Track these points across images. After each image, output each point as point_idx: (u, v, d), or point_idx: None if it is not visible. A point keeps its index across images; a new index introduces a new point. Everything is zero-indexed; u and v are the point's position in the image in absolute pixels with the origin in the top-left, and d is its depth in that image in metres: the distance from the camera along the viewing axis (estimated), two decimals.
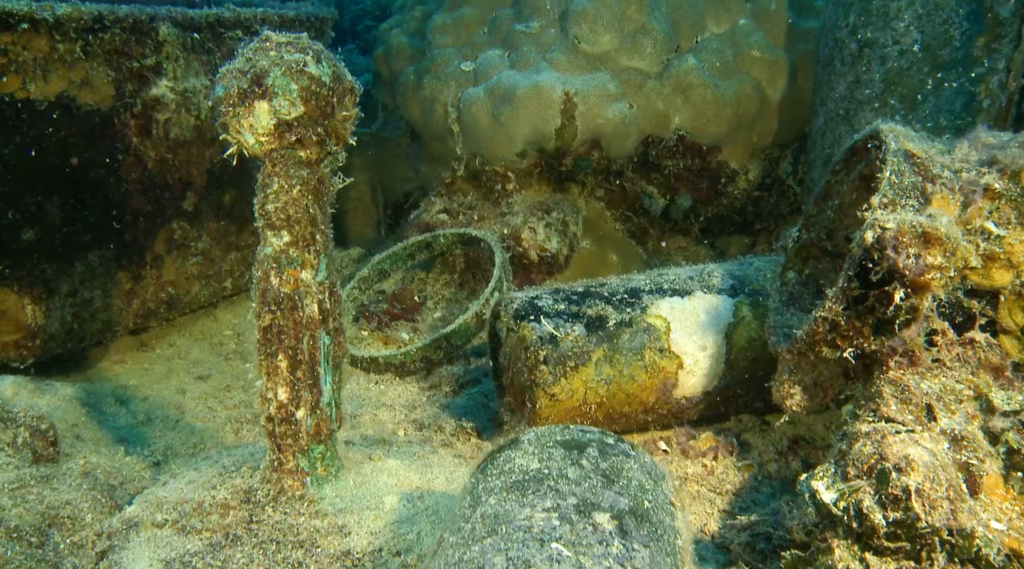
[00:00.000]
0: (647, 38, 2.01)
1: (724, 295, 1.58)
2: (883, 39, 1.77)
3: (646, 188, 2.16)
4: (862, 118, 1.86)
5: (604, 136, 2.00)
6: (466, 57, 2.16)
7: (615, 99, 1.98)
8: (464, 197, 2.22)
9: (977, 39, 1.71)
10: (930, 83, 1.76)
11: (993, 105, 1.77)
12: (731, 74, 2.04)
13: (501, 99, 1.99)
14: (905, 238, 1.15)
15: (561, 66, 2.01)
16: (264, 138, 1.09)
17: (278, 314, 1.16)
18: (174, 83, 1.84)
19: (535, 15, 2.09)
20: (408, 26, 2.40)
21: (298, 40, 1.10)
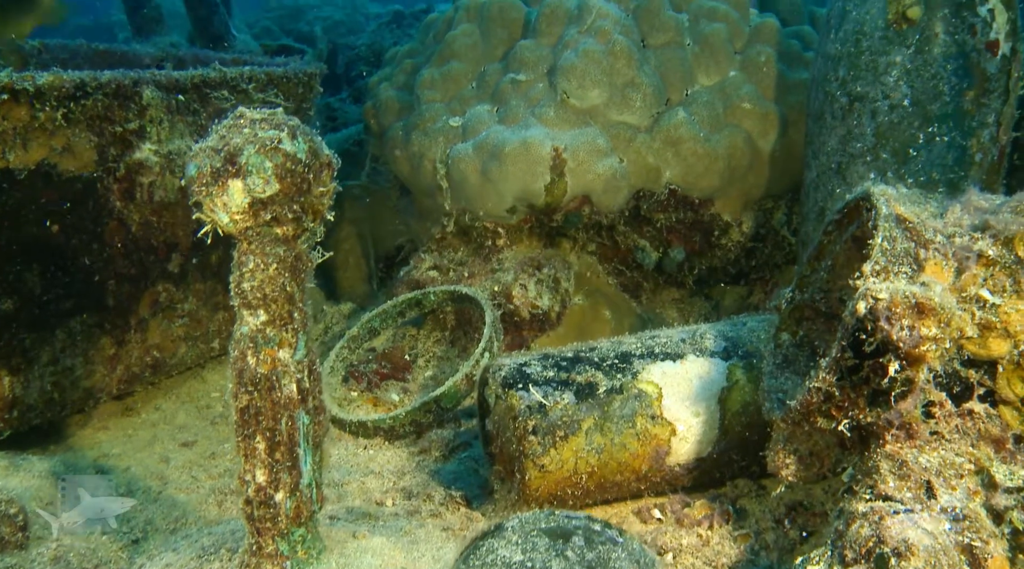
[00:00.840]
0: (636, 92, 1.99)
1: (717, 358, 1.55)
2: (873, 93, 1.76)
3: (638, 242, 2.14)
4: (854, 172, 1.84)
5: (594, 191, 1.98)
6: (454, 112, 2.15)
7: (605, 154, 1.96)
8: (454, 253, 2.19)
9: (966, 94, 1.70)
10: (921, 137, 1.74)
11: (985, 159, 1.75)
12: (722, 127, 2.02)
13: (489, 155, 1.97)
14: (898, 309, 1.12)
15: (550, 121, 2.00)
16: (239, 217, 1.06)
17: (255, 395, 1.13)
18: (158, 146, 1.82)
19: (523, 70, 2.08)
20: (397, 80, 2.39)
21: (273, 116, 1.07)
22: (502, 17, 2.21)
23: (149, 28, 4.59)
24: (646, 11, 2.09)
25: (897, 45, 1.74)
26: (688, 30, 2.11)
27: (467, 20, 2.26)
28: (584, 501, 1.50)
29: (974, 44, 1.70)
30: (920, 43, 1.72)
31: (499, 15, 2.21)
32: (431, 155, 2.11)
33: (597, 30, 2.01)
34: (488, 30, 2.21)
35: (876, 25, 1.76)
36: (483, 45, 2.22)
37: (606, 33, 2.00)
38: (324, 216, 1.15)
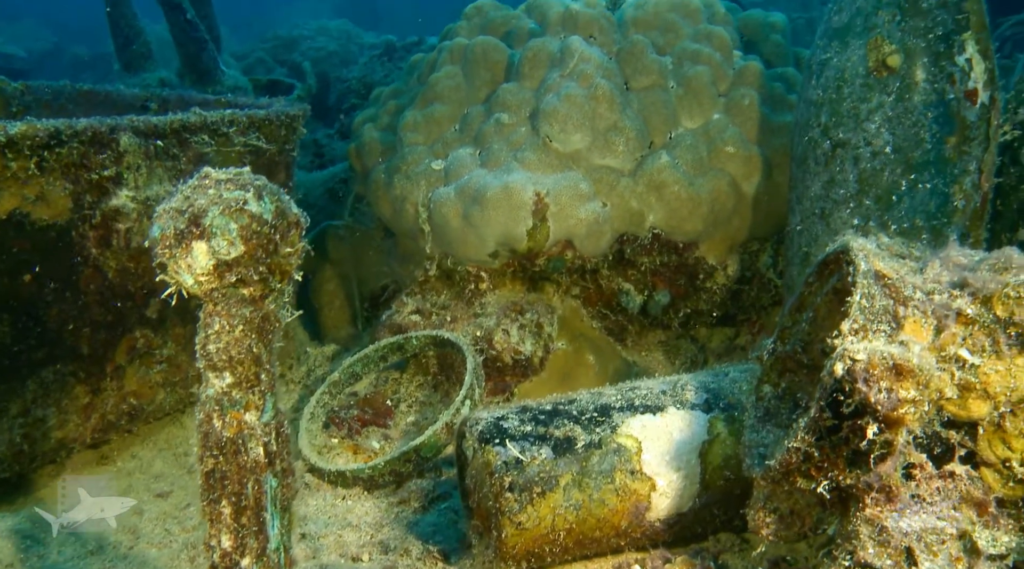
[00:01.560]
0: (619, 136, 1.98)
1: (698, 410, 1.53)
2: (855, 140, 1.75)
3: (623, 285, 2.12)
4: (838, 218, 1.83)
5: (577, 236, 1.96)
6: (437, 155, 2.13)
7: (588, 199, 1.95)
8: (437, 296, 2.17)
9: (947, 141, 1.69)
10: (904, 184, 1.73)
11: (967, 205, 1.74)
12: (705, 170, 2.01)
13: (471, 200, 1.96)
14: (876, 370, 1.10)
15: (532, 165, 1.99)
16: (203, 278, 1.04)
17: (221, 459, 1.10)
18: (135, 192, 1.80)
19: (506, 113, 2.07)
20: (381, 121, 2.38)
21: (239, 176, 1.06)
22: (485, 59, 2.20)
23: (138, 64, 4.60)
24: (629, 54, 2.08)
25: (878, 92, 1.73)
26: (672, 73, 2.10)
27: (450, 62, 2.25)
28: (563, 557, 1.47)
29: (954, 93, 1.69)
30: (901, 91, 1.71)
31: (482, 57, 2.20)
32: (413, 198, 2.10)
33: (579, 74, 2.00)
34: (471, 72, 2.21)
35: (857, 72, 1.76)
36: (466, 87, 2.21)
37: (588, 77, 1.99)
38: (292, 276, 1.13)
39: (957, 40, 1.69)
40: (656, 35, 2.16)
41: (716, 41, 2.14)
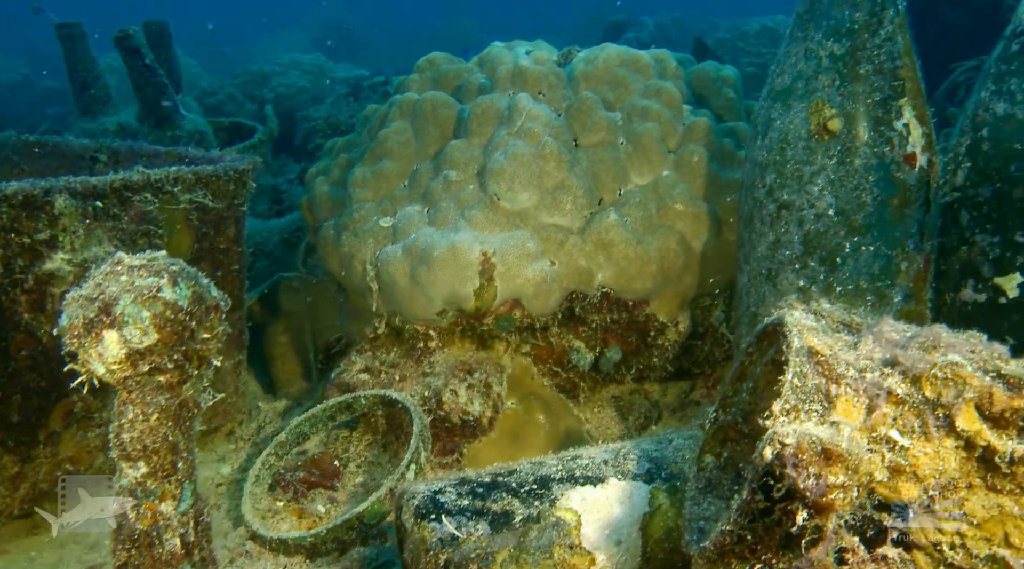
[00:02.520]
0: (566, 194, 1.98)
1: (640, 481, 1.50)
2: (799, 202, 1.75)
3: (573, 343, 2.10)
4: (784, 279, 1.82)
5: (525, 295, 1.95)
6: (386, 212, 2.12)
7: (535, 258, 1.94)
8: (387, 354, 2.15)
9: (889, 204, 1.70)
10: (848, 246, 1.73)
11: (911, 267, 1.74)
12: (655, 228, 2.01)
13: (418, 259, 1.94)
14: (805, 456, 1.08)
15: (479, 224, 1.97)
16: (115, 367, 1.01)
17: (133, 552, 1.06)
18: (71, 255, 1.76)
19: (454, 170, 2.06)
20: (332, 174, 2.36)
21: (153, 261, 1.03)
22: (435, 115, 2.19)
23: (97, 108, 4.57)
24: (578, 111, 2.08)
25: (820, 155, 1.74)
26: (621, 129, 2.10)
27: (400, 117, 2.24)
28: None
29: (893, 157, 1.70)
30: (842, 154, 1.72)
31: (431, 113, 2.19)
32: (361, 256, 2.08)
33: (526, 132, 2.00)
34: (421, 128, 2.20)
35: (799, 134, 1.76)
36: (416, 143, 2.20)
37: (535, 135, 1.99)
38: (211, 361, 1.10)
39: (895, 106, 1.70)
40: (606, 90, 2.16)
41: (665, 97, 2.14)
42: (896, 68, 1.70)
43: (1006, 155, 1.75)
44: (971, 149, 1.83)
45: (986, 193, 1.79)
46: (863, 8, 1.70)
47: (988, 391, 1.13)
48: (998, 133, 1.76)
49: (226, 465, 2.21)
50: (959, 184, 1.86)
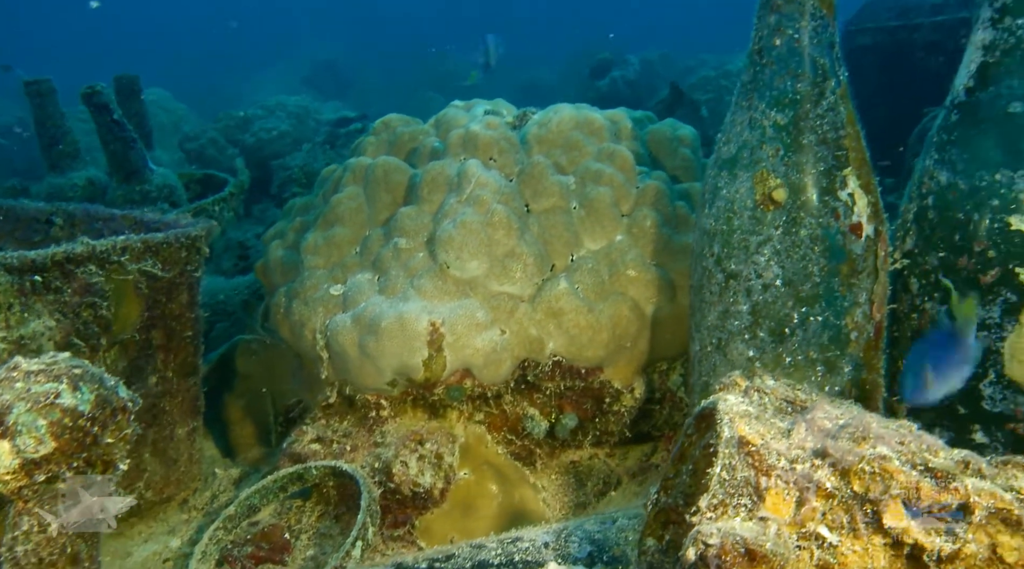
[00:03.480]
0: (516, 262, 1.96)
1: (580, 565, 1.47)
2: (747, 272, 1.74)
3: (527, 410, 2.07)
4: (734, 349, 1.80)
5: (475, 365, 1.92)
6: (336, 279, 2.09)
7: (484, 327, 1.91)
8: (339, 423, 2.11)
9: (835, 274, 1.68)
10: (796, 317, 1.71)
11: (860, 336, 1.72)
12: (607, 295, 1.99)
13: (367, 329, 1.91)
14: (728, 557, 1.05)
15: (429, 293, 1.95)
16: (8, 478, 0.98)
17: None
18: (7, 332, 1.73)
19: (404, 238, 2.04)
20: (287, 238, 2.34)
21: (53, 366, 1.00)
22: (387, 181, 2.18)
23: (65, 164, 4.56)
24: (530, 176, 2.07)
25: (766, 226, 1.72)
26: (574, 193, 2.09)
27: (353, 182, 2.23)
28: None
29: (838, 227, 1.69)
30: (787, 225, 1.71)
31: (383, 178, 2.18)
32: (311, 325, 2.05)
33: (475, 199, 1.98)
34: (373, 194, 2.18)
35: (745, 204, 1.75)
36: (368, 209, 2.18)
37: (484, 203, 1.97)
38: (117, 465, 1.07)
39: (839, 176, 1.69)
40: (559, 154, 2.15)
41: (619, 161, 2.13)
42: (839, 138, 1.70)
43: (951, 224, 1.74)
44: (918, 216, 1.82)
45: (933, 261, 1.78)
46: (804, 79, 1.70)
47: (915, 486, 1.10)
48: (942, 202, 1.75)
49: (176, 538, 2.16)
50: (908, 251, 1.85)
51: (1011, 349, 1.72)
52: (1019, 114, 1.67)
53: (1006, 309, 1.71)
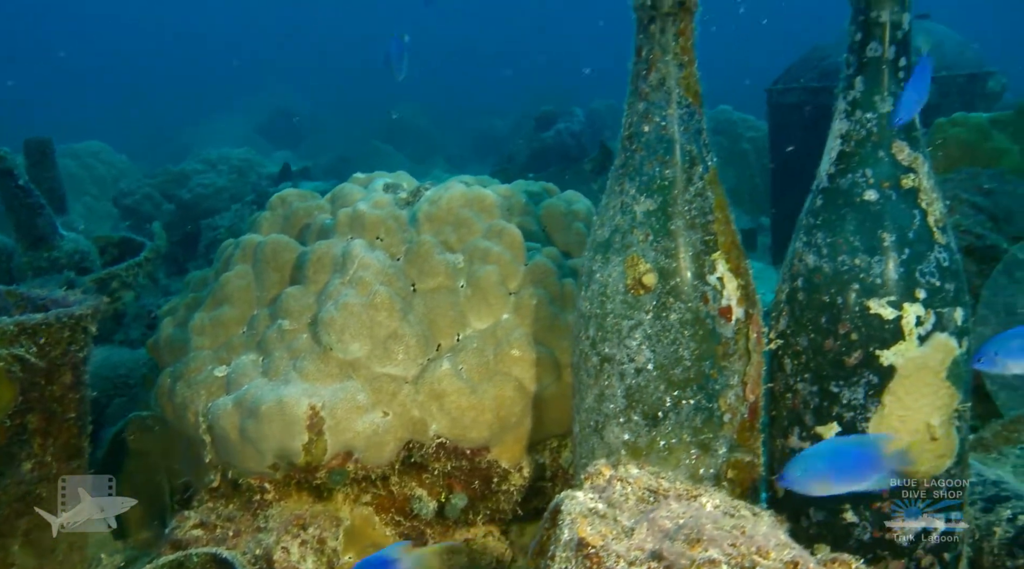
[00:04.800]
0: (398, 344, 1.95)
1: None
2: (620, 356, 1.75)
3: (415, 491, 2.05)
4: (610, 432, 1.81)
5: (357, 448, 1.90)
6: (222, 361, 2.07)
7: (366, 410, 1.90)
8: (224, 508, 2.07)
9: (706, 358, 1.70)
10: (668, 401, 1.73)
11: (734, 418, 1.74)
12: (492, 375, 1.99)
13: (247, 413, 1.89)
14: None
15: (311, 375, 1.93)
16: None
17: None
18: None
19: (289, 318, 2.03)
20: (178, 315, 2.31)
21: None
22: (275, 259, 2.17)
23: None
24: (416, 256, 2.08)
25: (637, 310, 1.74)
26: (462, 272, 2.10)
27: (243, 260, 2.22)
28: None
29: (708, 311, 1.71)
30: (658, 309, 1.73)
31: (272, 257, 2.17)
32: (194, 408, 2.02)
33: (358, 281, 1.98)
34: (262, 272, 2.17)
35: (617, 289, 1.77)
36: (256, 288, 2.17)
37: (367, 285, 1.97)
38: None
39: (708, 260, 1.72)
40: (449, 231, 2.16)
41: (507, 238, 2.15)
42: (708, 223, 1.73)
43: (818, 307, 1.78)
44: (789, 298, 1.85)
45: (803, 342, 1.81)
46: (672, 165, 1.73)
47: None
48: (810, 284, 1.79)
49: None
50: (781, 331, 1.88)
51: (874, 430, 1.76)
52: (873, 202, 1.72)
53: (869, 391, 1.74)
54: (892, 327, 1.70)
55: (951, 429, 1.76)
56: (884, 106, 1.74)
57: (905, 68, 1.73)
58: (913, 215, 1.71)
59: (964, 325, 1.75)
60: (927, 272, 1.71)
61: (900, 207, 1.71)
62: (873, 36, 1.73)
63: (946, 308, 1.72)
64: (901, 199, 1.71)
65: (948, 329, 1.72)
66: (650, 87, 1.72)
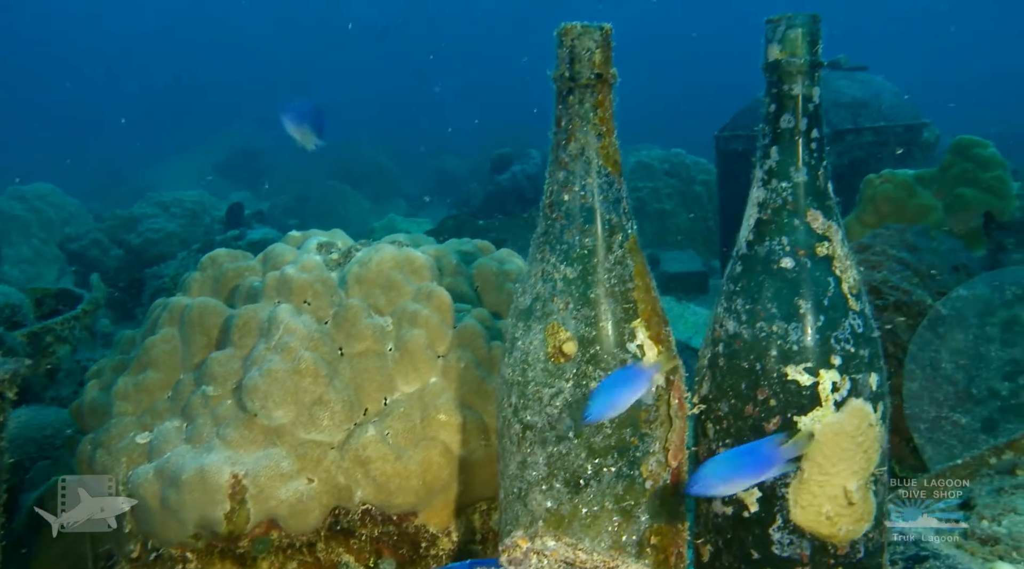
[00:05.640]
0: (324, 410, 1.94)
1: None
2: (541, 423, 1.75)
3: (343, 557, 2.02)
4: (533, 500, 1.81)
5: (280, 516, 1.87)
6: (145, 427, 2.03)
7: (290, 478, 1.87)
8: None
9: (627, 425, 1.71)
10: (589, 468, 1.73)
11: (656, 484, 1.75)
12: (418, 440, 1.98)
13: (169, 482, 1.86)
14: None
15: (234, 442, 1.91)
16: None
17: None
18: None
19: (213, 384, 2.00)
20: (104, 378, 2.27)
21: None
22: (202, 323, 2.15)
23: None
24: (344, 320, 2.07)
25: (558, 378, 1.75)
26: (391, 335, 2.09)
27: (170, 323, 2.19)
28: None
29: None
30: (578, 377, 1.74)
31: (199, 321, 2.15)
32: (114, 476, 1.98)
33: (283, 347, 1.96)
34: (188, 336, 2.15)
35: (538, 356, 1.78)
36: (183, 352, 2.14)
37: (292, 350, 1.96)
38: None
39: (627, 328, 1.73)
40: (378, 294, 2.16)
41: (436, 301, 2.15)
42: (628, 291, 1.75)
43: (738, 372, 1.80)
44: (711, 363, 1.87)
45: (724, 408, 1.83)
46: (592, 234, 1.75)
47: None
48: (730, 350, 1.81)
49: None
50: (704, 396, 1.89)
51: (794, 495, 1.77)
52: (789, 269, 1.75)
53: None
54: (809, 393, 1.73)
55: (868, 493, 1.78)
56: (798, 176, 1.78)
57: (818, 140, 1.78)
58: (828, 282, 1.74)
59: (879, 390, 1.78)
60: (842, 338, 1.74)
61: (815, 274, 1.74)
62: (786, 108, 1.77)
63: (861, 374, 1.75)
64: (816, 266, 1.75)
65: (863, 395, 1.75)
66: (569, 156, 1.74)
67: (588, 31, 1.65)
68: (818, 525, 1.76)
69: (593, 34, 1.66)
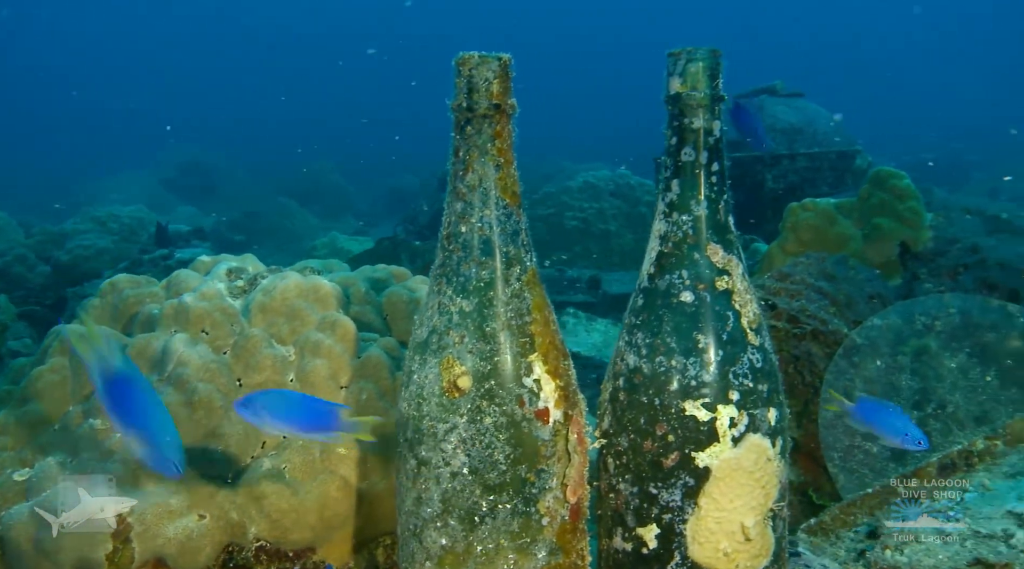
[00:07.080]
0: (219, 443, 1.87)
1: None
2: (436, 459, 1.71)
3: None
4: (428, 537, 1.76)
5: (168, 555, 1.80)
6: (25, 463, 1.95)
7: (180, 514, 1.80)
8: None
9: (522, 461, 1.67)
10: (484, 505, 1.69)
11: (553, 521, 1.72)
12: (317, 473, 1.92)
13: (45, 522, 1.77)
14: None
15: (120, 478, 1.83)
16: None
17: None
18: None
19: (102, 417, 1.93)
20: None
21: None
22: None
23: None
24: (243, 349, 2.01)
25: (452, 413, 1.71)
26: (293, 365, 2.04)
27: (60, 353, 2.11)
28: None
29: (524, 414, 1.69)
30: (472, 413, 1.70)
31: None
32: None
33: (176, 378, 1.90)
34: (79, 366, 2.07)
35: (433, 391, 1.74)
36: (73, 383, 2.06)
37: (185, 382, 1.89)
38: None
39: (524, 362, 1.70)
40: (282, 323, 2.10)
41: (340, 331, 2.10)
42: (525, 324, 1.72)
43: (637, 407, 1.78)
44: (612, 397, 1.85)
45: (624, 443, 1.80)
46: (488, 267, 1.72)
47: None
48: (630, 384, 1.79)
49: None
50: (604, 430, 1.87)
51: (692, 532, 1.75)
52: (689, 303, 1.74)
53: (686, 493, 1.74)
54: (707, 429, 1.71)
55: (766, 529, 1.77)
56: (699, 209, 1.77)
57: (719, 173, 1.77)
58: (727, 317, 1.73)
59: (778, 425, 1.77)
60: (740, 373, 1.73)
61: (715, 309, 1.73)
62: (687, 141, 1.76)
63: (759, 409, 1.74)
64: (716, 301, 1.74)
65: (761, 430, 1.74)
66: (467, 188, 1.71)
67: (486, 61, 1.63)
68: (716, 562, 1.74)
69: (491, 64, 1.63)
